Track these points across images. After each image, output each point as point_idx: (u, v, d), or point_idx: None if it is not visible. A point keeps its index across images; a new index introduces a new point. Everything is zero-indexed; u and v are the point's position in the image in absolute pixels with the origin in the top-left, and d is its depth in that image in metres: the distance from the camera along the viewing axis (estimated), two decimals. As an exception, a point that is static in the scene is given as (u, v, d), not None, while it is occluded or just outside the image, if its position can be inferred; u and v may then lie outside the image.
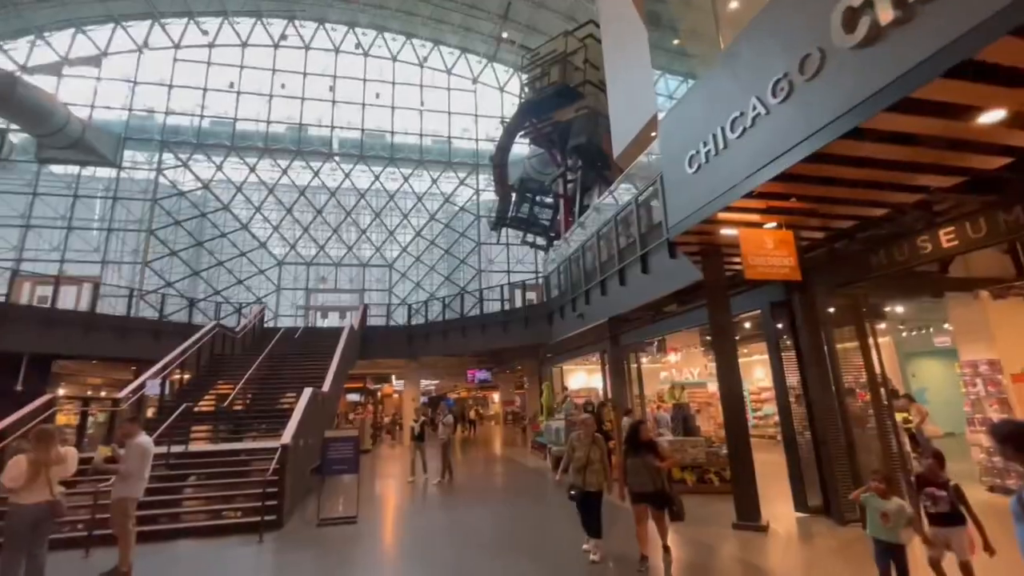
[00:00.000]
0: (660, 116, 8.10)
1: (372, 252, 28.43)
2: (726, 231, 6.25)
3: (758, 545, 5.73)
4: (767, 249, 5.60)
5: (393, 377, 26.93)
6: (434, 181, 29.61)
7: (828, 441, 6.38)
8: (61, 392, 17.40)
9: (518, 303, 19.35)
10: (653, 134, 13.21)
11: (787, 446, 6.99)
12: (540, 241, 24.98)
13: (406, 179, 29.22)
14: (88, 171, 24.25)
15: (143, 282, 23.00)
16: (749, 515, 6.23)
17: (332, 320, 24.93)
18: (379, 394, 27.93)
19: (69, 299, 15.39)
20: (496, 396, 33.41)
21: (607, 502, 5.50)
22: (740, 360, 7.29)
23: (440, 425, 11.64)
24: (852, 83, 3.92)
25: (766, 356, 16.05)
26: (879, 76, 3.68)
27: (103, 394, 18.78)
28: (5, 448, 6.97)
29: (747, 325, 11.29)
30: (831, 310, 6.97)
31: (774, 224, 6.08)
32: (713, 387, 14.71)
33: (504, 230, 26.68)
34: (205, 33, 27.03)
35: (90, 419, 10.79)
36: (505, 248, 29.58)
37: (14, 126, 21.24)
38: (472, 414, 28.09)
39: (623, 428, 10.41)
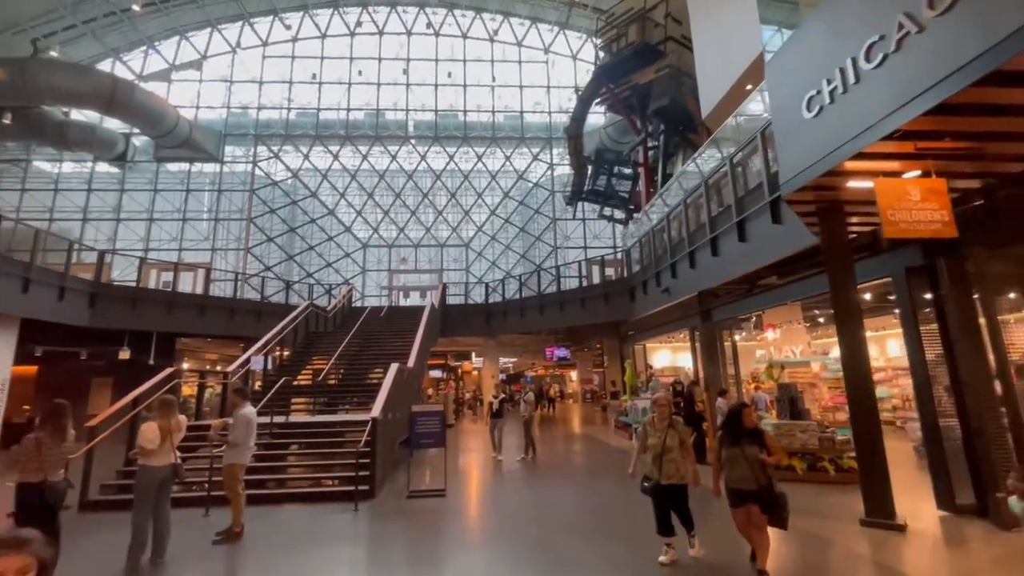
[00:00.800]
0: (767, 58, 7.13)
1: (449, 232, 28.90)
2: (854, 183, 5.34)
3: (895, 546, 4.93)
4: (911, 202, 4.66)
5: (473, 354, 27.49)
6: (507, 158, 29.30)
7: (986, 429, 5.35)
8: (184, 366, 19.52)
9: (596, 279, 18.71)
10: (749, 87, 11.89)
11: (928, 434, 5.98)
12: (618, 214, 23.87)
13: (479, 158, 29.18)
14: (196, 167, 26.71)
15: (245, 267, 25.07)
16: (881, 511, 5.40)
17: (413, 299, 25.75)
18: (460, 371, 28.69)
19: (187, 283, 17.11)
20: (574, 374, 33.11)
21: (697, 492, 4.77)
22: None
23: (521, 403, 11.55)
24: (1058, -29, 3.01)
25: (878, 332, 14.49)
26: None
27: (218, 368, 20.84)
28: (138, 414, 7.76)
29: (866, 296, 9.98)
30: (989, 275, 5.80)
31: (917, 172, 5.09)
32: (817, 366, 13.35)
33: (580, 205, 25.83)
34: (288, 28, 28.42)
35: (207, 391, 11.91)
36: (581, 223, 28.75)
37: (135, 130, 23.73)
38: (551, 392, 27.95)
39: (717, 409, 9.68)
